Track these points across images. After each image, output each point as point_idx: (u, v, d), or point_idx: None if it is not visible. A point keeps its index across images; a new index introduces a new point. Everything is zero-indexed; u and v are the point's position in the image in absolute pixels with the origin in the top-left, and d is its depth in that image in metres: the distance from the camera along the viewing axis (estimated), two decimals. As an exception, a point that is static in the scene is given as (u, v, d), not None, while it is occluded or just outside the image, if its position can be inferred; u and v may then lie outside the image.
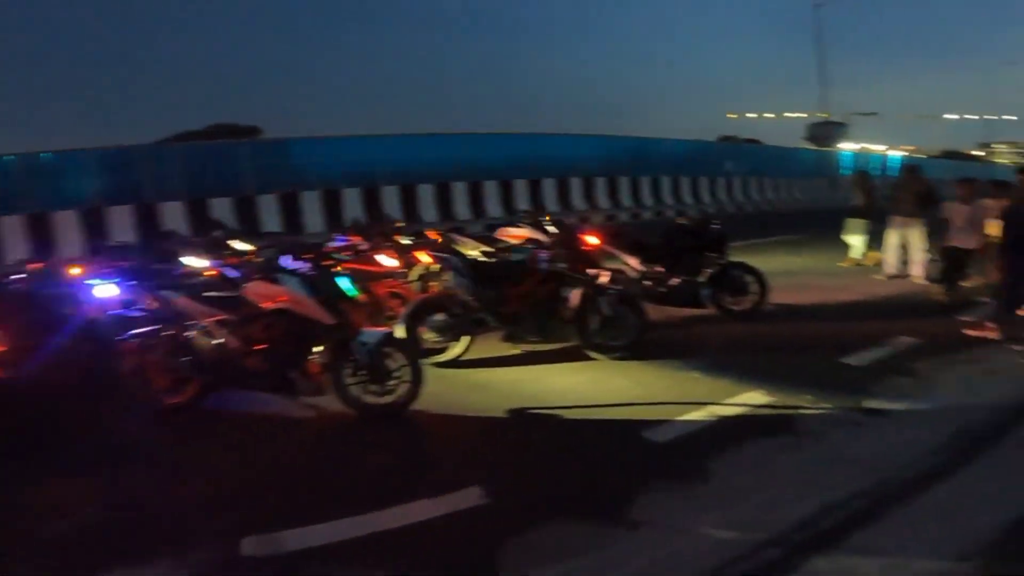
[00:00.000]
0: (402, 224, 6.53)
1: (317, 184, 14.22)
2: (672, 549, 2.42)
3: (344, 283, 3.92)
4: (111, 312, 4.50)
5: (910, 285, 7.62)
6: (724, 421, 3.64)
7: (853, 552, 2.38)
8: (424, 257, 5.38)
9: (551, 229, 5.92)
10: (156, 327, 4.05)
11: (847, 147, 37.93)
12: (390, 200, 14.08)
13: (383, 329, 3.97)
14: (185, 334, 3.99)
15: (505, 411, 3.86)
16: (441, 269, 5.09)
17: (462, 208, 14.84)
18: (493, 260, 5.22)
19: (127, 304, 4.47)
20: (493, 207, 15.04)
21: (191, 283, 4.92)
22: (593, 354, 4.75)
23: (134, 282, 4.89)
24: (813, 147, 33.87)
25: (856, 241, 9.11)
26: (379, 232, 6.23)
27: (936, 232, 7.31)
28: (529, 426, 3.72)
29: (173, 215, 12.52)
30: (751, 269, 6.13)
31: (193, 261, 5.61)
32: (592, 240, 5.71)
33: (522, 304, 4.75)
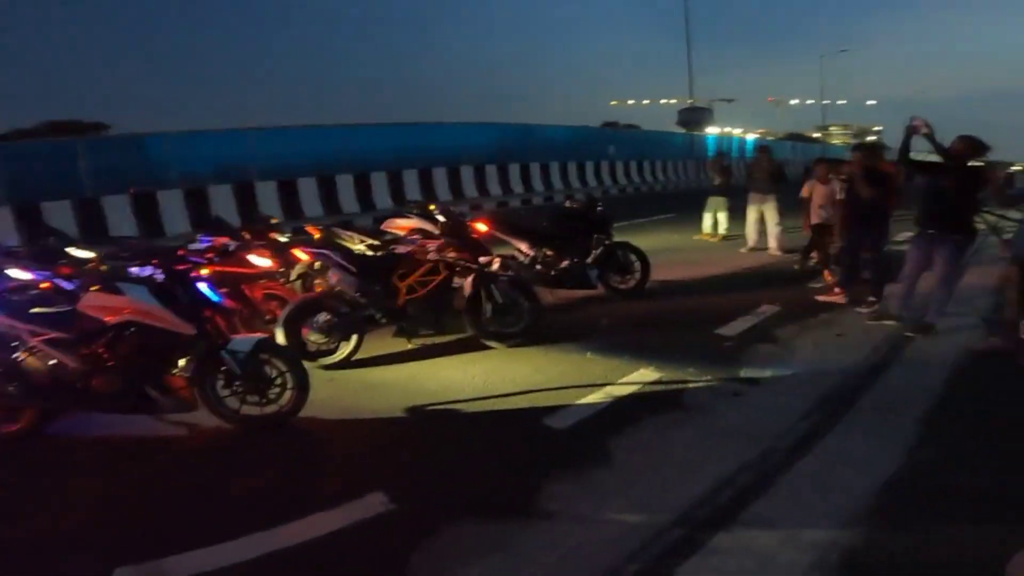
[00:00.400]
0: (277, 220, 6.03)
1: (179, 182, 12.90)
2: (581, 539, 2.39)
3: (204, 288, 3.50)
4: None
5: (768, 257, 8.35)
6: (620, 401, 3.71)
7: (750, 525, 2.46)
8: (302, 255, 5.00)
9: (440, 219, 5.75)
10: None
11: (711, 131, 41.04)
12: (268, 196, 13.09)
13: (255, 335, 3.61)
14: (11, 356, 3.40)
15: (402, 410, 3.67)
16: (322, 266, 4.76)
17: (349, 202, 14.17)
18: (379, 253, 4.95)
19: None
20: (382, 199, 14.53)
21: (16, 299, 4.22)
22: (489, 343, 4.67)
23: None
24: (684, 131, 36.24)
25: (711, 218, 9.88)
26: (251, 230, 5.71)
27: (792, 208, 8.06)
28: (428, 424, 3.56)
29: (2, 223, 10.82)
30: (634, 249, 6.38)
31: (19, 274, 4.81)
32: (481, 227, 5.61)
33: (412, 297, 4.56)
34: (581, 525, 2.49)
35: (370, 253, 5.55)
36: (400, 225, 6.05)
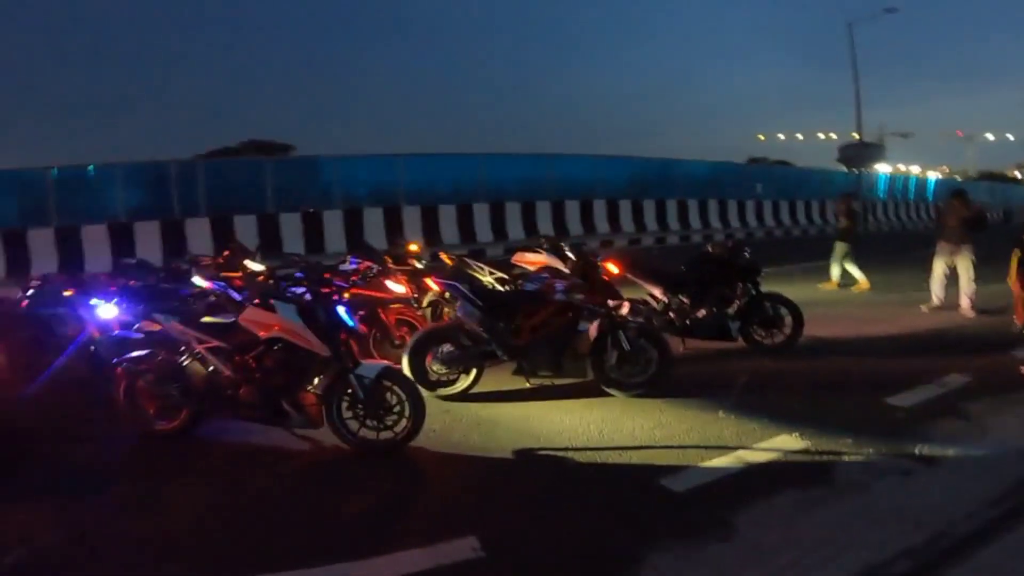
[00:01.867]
0: (417, 247, 6.34)
1: (341, 204, 14.28)
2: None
3: (342, 312, 3.71)
4: (110, 333, 4.40)
5: (957, 318, 7.12)
6: (752, 469, 3.30)
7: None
8: (433, 284, 5.16)
9: (570, 255, 5.67)
10: (150, 351, 3.91)
11: (882, 169, 36.93)
12: (412, 221, 14.02)
13: (382, 362, 3.75)
14: (178, 360, 3.84)
15: (510, 452, 3.58)
16: (451, 297, 4.86)
17: (484, 231, 14.70)
18: (506, 288, 4.96)
19: (126, 326, 4.36)
20: (515, 230, 14.88)
21: (192, 306, 4.81)
22: (610, 390, 4.43)
23: (135, 303, 4.80)
24: (846, 169, 33.01)
25: (838, 267, 9.33)
26: (392, 255, 6.06)
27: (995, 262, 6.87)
28: (534, 470, 3.43)
29: (200, 232, 12.70)
30: (785, 300, 5.75)
31: (201, 282, 5.51)
32: (612, 268, 5.42)
33: (535, 336, 4.47)
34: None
35: (498, 287, 5.61)
36: (530, 260, 6.06)
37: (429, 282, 5.25)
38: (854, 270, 9.34)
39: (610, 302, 4.70)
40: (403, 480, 3.35)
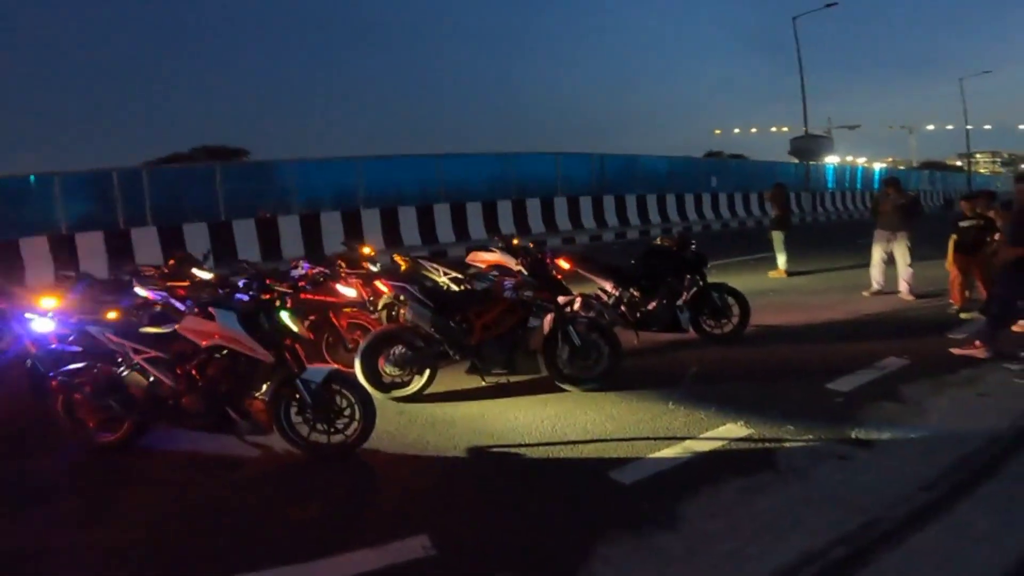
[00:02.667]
0: (371, 251, 6.28)
1: (298, 208, 14.02)
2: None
3: (285, 317, 3.65)
4: (44, 347, 4.23)
5: (896, 302, 7.45)
6: (699, 458, 3.39)
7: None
8: (383, 287, 5.13)
9: (526, 253, 5.70)
10: (87, 364, 3.78)
11: (831, 160, 38.23)
12: (372, 224, 13.87)
13: (329, 366, 3.71)
14: (116, 372, 3.72)
15: (464, 450, 3.59)
16: (401, 299, 4.84)
17: (445, 232, 14.65)
18: (456, 289, 4.97)
19: (62, 339, 4.21)
20: (477, 230, 14.87)
21: (134, 317, 4.67)
22: (564, 386, 4.49)
23: (70, 316, 4.63)
24: (798, 161, 34.09)
25: (781, 255, 9.84)
26: (346, 259, 5.99)
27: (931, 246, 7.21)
28: (488, 467, 3.44)
29: (147, 242, 12.28)
30: (732, 290, 5.93)
31: (143, 292, 5.34)
32: (563, 264, 5.49)
33: (486, 334, 4.50)
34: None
35: (453, 287, 5.61)
36: (483, 259, 6.08)
37: (380, 285, 5.21)
38: (780, 256, 9.83)
39: (561, 298, 4.76)
40: (356, 482, 3.33)
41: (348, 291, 5.21)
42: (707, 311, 5.84)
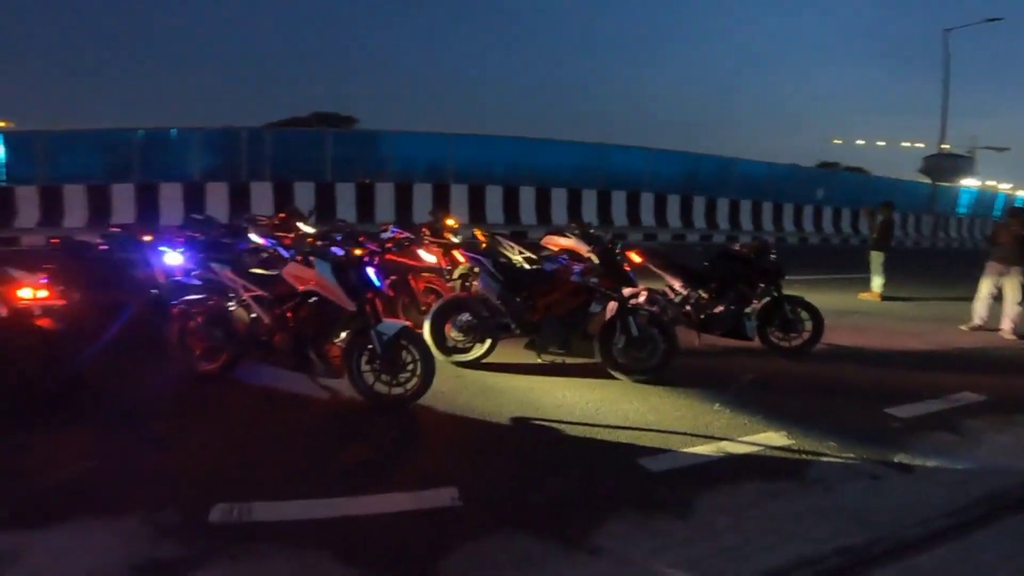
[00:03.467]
0: (454, 222, 6.66)
1: (393, 177, 14.85)
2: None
3: (370, 273, 4.06)
4: (172, 278, 4.92)
5: (995, 340, 6.91)
6: (730, 458, 3.48)
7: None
8: (460, 257, 5.48)
9: (599, 241, 5.85)
10: (204, 296, 4.38)
11: (968, 183, 34.63)
12: (460, 199, 14.42)
13: (402, 322, 4.09)
14: (226, 306, 4.30)
15: (507, 418, 3.88)
16: (475, 270, 5.17)
17: (528, 214, 14.94)
18: (527, 267, 5.24)
19: (187, 272, 4.87)
20: (560, 215, 15.04)
21: (246, 260, 5.30)
22: (615, 373, 4.66)
23: (197, 253, 5.32)
24: (928, 181, 31.18)
25: (877, 278, 9.41)
26: (431, 227, 6.41)
27: None
28: (526, 437, 3.71)
29: (263, 195, 13.52)
30: (807, 305, 5.78)
31: (256, 239, 6.02)
32: (635, 258, 5.60)
33: (548, 314, 4.74)
34: (622, 568, 2.45)
35: (526, 265, 5.88)
36: (557, 243, 6.29)
37: (457, 255, 5.57)
38: (876, 278, 9.36)
39: (625, 289, 4.91)
40: (403, 433, 3.70)
41: (428, 257, 5.63)
42: (777, 322, 5.75)
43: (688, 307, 5.69)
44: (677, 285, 5.80)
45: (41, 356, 3.97)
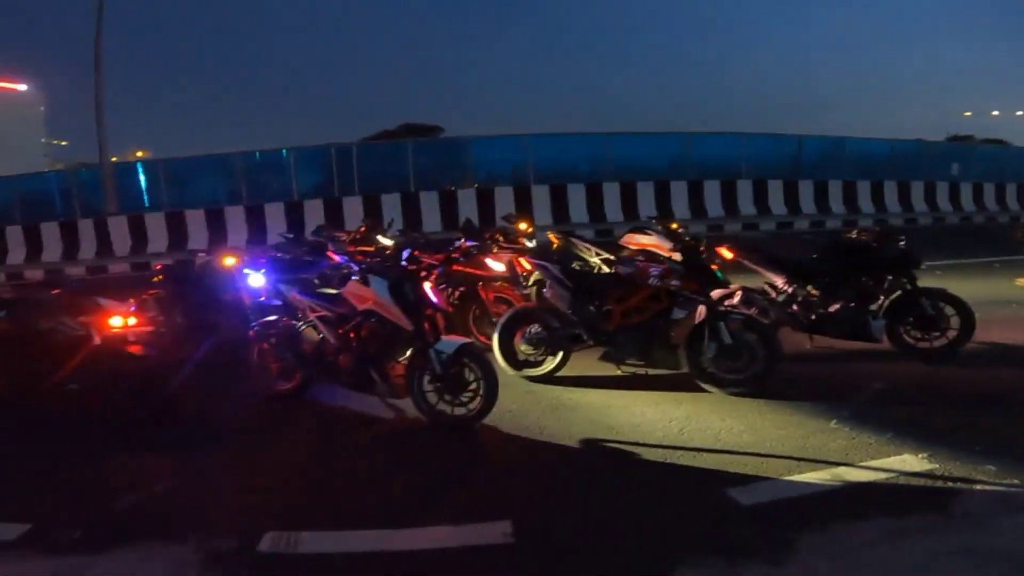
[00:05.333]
0: (526, 225, 6.35)
1: (479, 183, 14.87)
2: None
3: (428, 289, 3.86)
4: (254, 300, 5.01)
5: None
6: (848, 488, 2.86)
7: None
8: (527, 264, 5.14)
9: (683, 237, 5.29)
10: (278, 317, 4.40)
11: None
12: (542, 200, 14.11)
13: (461, 339, 3.83)
14: (296, 326, 4.27)
15: (578, 440, 3.49)
16: (543, 278, 4.81)
17: (613, 210, 14.31)
18: (599, 272, 4.80)
19: (268, 294, 4.94)
20: (648, 209, 14.24)
21: (328, 278, 5.27)
22: (705, 386, 4.11)
23: (277, 273, 5.40)
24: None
25: None
26: (502, 233, 6.14)
27: None
28: (596, 462, 3.31)
29: (354, 209, 14.01)
30: (951, 298, 4.79)
31: (333, 256, 6.05)
32: (726, 254, 4.98)
33: (625, 322, 4.28)
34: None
35: (605, 268, 5.44)
36: (636, 241, 5.76)
37: (523, 262, 5.25)
38: None
39: (715, 292, 4.33)
40: (464, 456, 3.45)
41: (496, 265, 5.35)
42: (912, 320, 4.84)
43: (795, 306, 4.96)
44: (780, 282, 5.08)
45: (132, 382, 4.15)
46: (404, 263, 4.10)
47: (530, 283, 5.77)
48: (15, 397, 4.38)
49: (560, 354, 4.39)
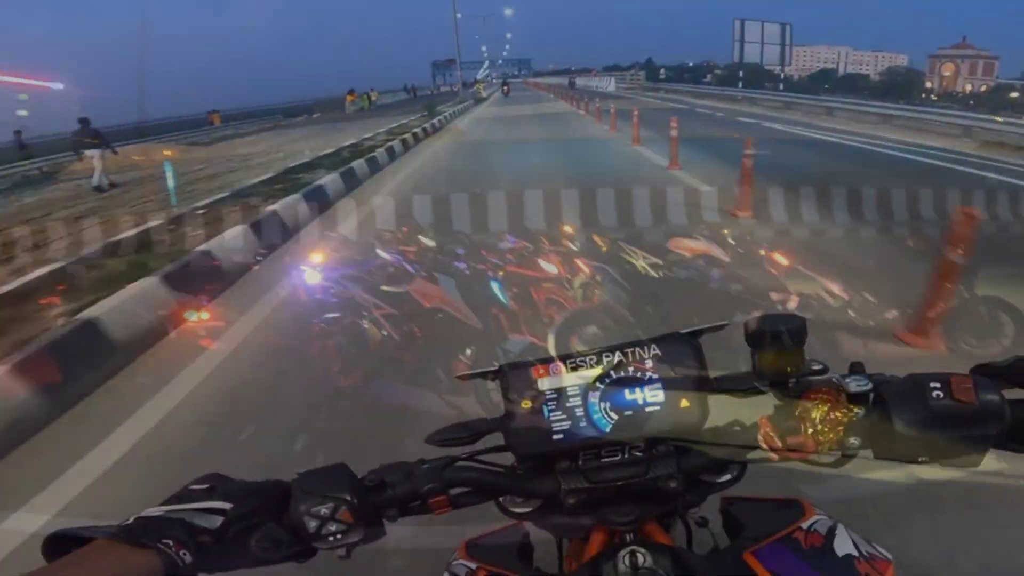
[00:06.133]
0: (570, 228, 6.39)
1: (504, 184, 14.87)
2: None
3: (495, 288, 3.93)
4: (313, 297, 5.11)
5: None
6: (923, 486, 2.80)
7: None
8: (583, 266, 5.19)
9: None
10: (341, 314, 4.49)
11: None
12: (571, 202, 14.10)
13: (527, 338, 3.90)
14: (360, 323, 4.36)
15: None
16: (598, 279, 4.87)
17: (643, 216, 14.29)
18: (654, 275, 4.84)
19: (326, 290, 5.04)
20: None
21: (374, 276, 5.39)
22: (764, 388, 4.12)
23: (336, 270, 5.50)
24: None
25: None
26: (546, 236, 6.18)
27: None
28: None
29: (384, 210, 14.10)
30: (1007, 306, 4.73)
31: (383, 254, 6.14)
32: (781, 260, 4.99)
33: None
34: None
35: (651, 272, 5.48)
36: (687, 246, 5.78)
37: (580, 263, 5.29)
38: None
39: (775, 295, 4.36)
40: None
41: (549, 267, 5.39)
42: (968, 328, 4.82)
43: (851, 312, 4.96)
44: (836, 289, 5.08)
45: None
46: (466, 262, 4.18)
47: (576, 285, 5.82)
48: None
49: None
